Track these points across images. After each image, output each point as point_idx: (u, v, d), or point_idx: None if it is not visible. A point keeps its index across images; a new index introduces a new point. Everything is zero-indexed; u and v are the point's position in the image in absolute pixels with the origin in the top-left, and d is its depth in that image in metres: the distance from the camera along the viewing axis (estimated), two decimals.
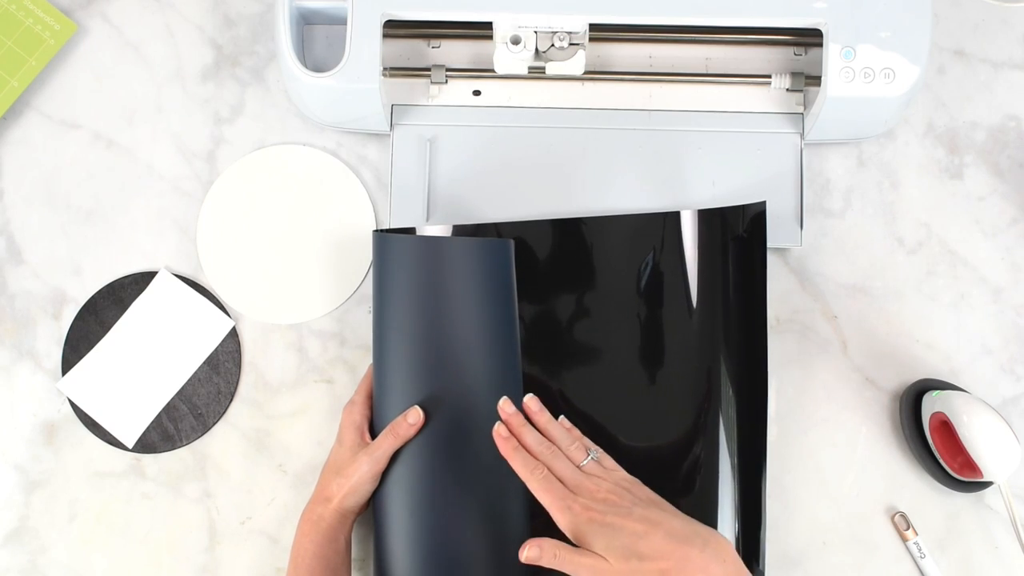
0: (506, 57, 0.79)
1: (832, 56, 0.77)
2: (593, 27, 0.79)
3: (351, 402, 0.77)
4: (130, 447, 0.82)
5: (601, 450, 0.72)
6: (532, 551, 0.66)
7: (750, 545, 0.77)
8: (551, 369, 0.79)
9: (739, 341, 0.78)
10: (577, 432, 0.74)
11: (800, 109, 0.84)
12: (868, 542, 0.81)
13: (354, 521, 0.76)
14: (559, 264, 0.80)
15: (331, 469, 0.75)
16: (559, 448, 0.71)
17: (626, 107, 0.84)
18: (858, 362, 0.83)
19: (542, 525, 0.69)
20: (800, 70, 0.84)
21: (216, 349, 0.83)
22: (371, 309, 0.78)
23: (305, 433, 0.83)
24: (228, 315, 0.84)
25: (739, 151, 0.83)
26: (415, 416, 0.74)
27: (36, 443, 0.83)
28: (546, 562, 0.66)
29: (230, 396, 0.83)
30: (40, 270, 0.85)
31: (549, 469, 0.69)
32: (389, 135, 0.84)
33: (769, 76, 0.83)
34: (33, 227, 0.85)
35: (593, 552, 0.64)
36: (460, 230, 0.80)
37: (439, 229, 0.80)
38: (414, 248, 0.77)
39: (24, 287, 0.84)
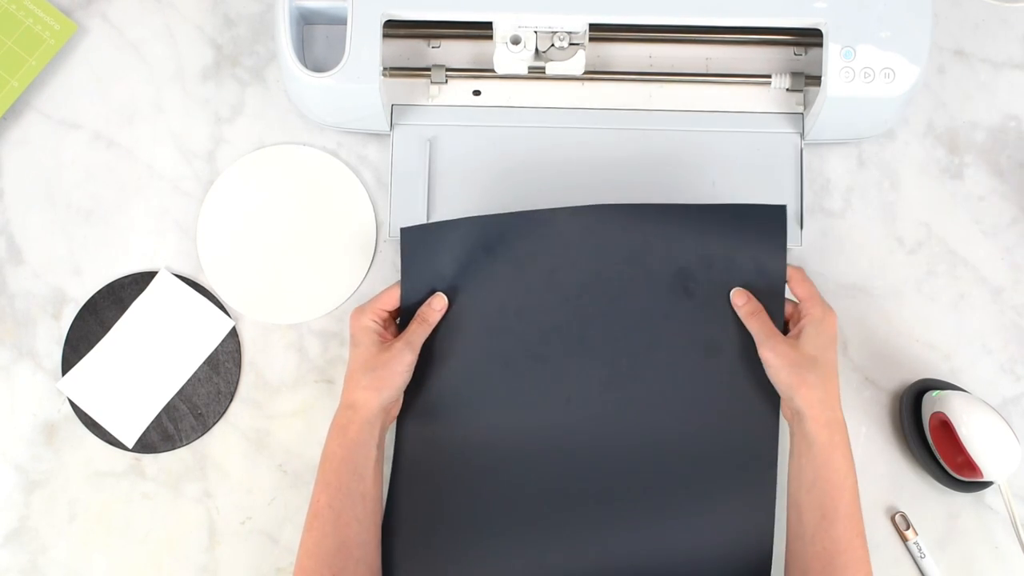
0: (506, 57, 0.79)
1: (832, 56, 0.77)
2: (593, 27, 0.79)
3: (359, 309, 0.77)
4: (130, 447, 0.82)
5: None
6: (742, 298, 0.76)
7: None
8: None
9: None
10: None
11: (800, 109, 0.84)
12: (868, 542, 0.81)
13: (385, 426, 0.76)
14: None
15: (359, 370, 0.75)
16: None
17: (626, 107, 0.84)
18: (858, 362, 0.83)
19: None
20: (800, 70, 0.84)
21: (216, 349, 0.83)
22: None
23: (305, 433, 0.83)
24: (228, 315, 0.84)
25: (739, 151, 0.83)
26: (440, 303, 0.77)
27: (36, 443, 0.83)
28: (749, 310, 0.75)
29: (230, 396, 0.83)
30: (40, 270, 0.85)
31: None
32: (389, 135, 0.84)
33: (769, 76, 0.83)
34: (33, 227, 0.85)
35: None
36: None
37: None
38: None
39: (24, 287, 0.84)
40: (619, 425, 0.77)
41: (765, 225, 0.76)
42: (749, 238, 0.76)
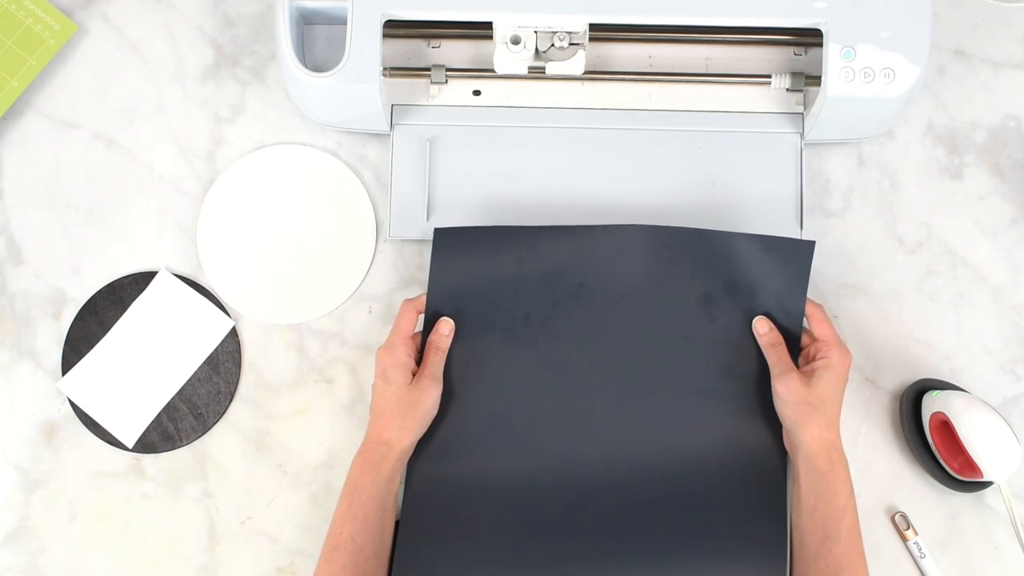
0: (506, 57, 0.79)
1: (832, 56, 0.77)
2: (593, 27, 0.79)
3: (390, 345, 0.76)
4: (130, 447, 0.82)
5: None
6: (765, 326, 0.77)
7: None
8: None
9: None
10: None
11: (800, 109, 0.84)
12: (868, 542, 0.80)
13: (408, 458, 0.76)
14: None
15: (392, 409, 0.75)
16: None
17: (626, 107, 0.84)
18: (858, 362, 0.83)
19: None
20: (800, 70, 0.84)
21: (216, 349, 0.83)
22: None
23: (305, 433, 0.83)
24: (228, 315, 0.84)
25: (739, 151, 0.83)
26: (447, 327, 0.77)
27: (36, 443, 0.83)
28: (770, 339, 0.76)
29: (230, 396, 0.83)
30: (40, 270, 0.85)
31: None
32: (389, 135, 0.84)
33: (769, 76, 0.83)
34: (33, 227, 0.85)
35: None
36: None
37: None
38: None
39: (24, 287, 0.84)
40: (635, 441, 0.78)
41: (791, 258, 0.77)
42: (774, 270, 0.77)
